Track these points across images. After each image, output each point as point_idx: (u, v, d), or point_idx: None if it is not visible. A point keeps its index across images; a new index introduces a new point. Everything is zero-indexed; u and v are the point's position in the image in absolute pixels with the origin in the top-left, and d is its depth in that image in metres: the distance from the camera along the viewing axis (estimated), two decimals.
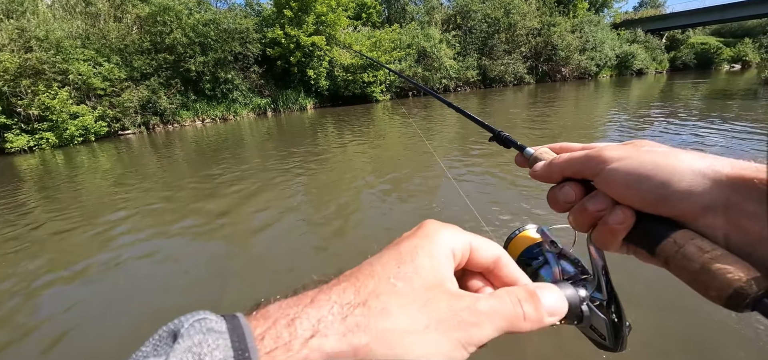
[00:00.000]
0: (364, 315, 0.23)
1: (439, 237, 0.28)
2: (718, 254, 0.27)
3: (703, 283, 0.27)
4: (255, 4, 25.45)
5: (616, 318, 0.37)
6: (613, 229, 0.33)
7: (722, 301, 0.26)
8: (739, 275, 0.26)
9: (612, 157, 0.34)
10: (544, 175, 0.40)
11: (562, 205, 0.38)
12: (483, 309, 0.25)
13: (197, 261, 3.59)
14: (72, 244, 4.24)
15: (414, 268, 0.25)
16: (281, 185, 5.88)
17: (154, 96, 17.65)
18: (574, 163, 0.37)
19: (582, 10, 37.50)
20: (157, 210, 5.22)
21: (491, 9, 30.65)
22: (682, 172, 0.30)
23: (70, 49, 15.49)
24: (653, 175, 0.31)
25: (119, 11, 19.03)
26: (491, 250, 0.30)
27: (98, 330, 2.63)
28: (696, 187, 0.29)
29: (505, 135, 0.52)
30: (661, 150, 0.33)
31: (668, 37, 48.59)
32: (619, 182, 0.33)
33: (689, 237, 0.29)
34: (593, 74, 35.41)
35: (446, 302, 0.25)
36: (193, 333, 0.19)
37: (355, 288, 0.24)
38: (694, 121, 8.69)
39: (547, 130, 9.24)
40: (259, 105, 21.69)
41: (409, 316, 0.23)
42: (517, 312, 0.26)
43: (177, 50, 18.43)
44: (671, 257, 0.30)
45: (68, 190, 6.94)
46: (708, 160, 0.30)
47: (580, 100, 16.50)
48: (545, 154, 0.43)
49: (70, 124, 14.44)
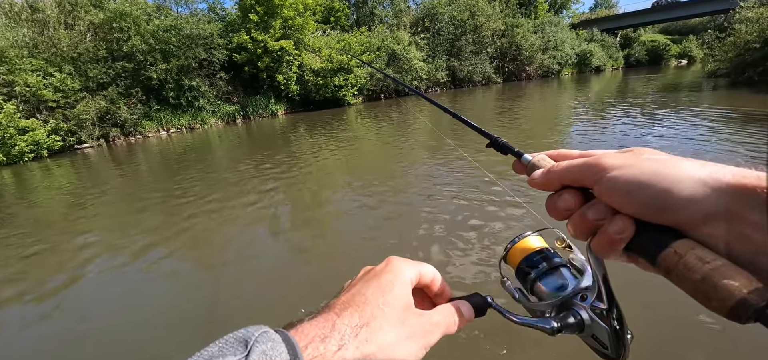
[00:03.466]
0: (368, 332, 0.32)
1: (403, 271, 0.38)
2: (720, 264, 0.27)
3: (705, 294, 0.27)
4: (219, 8, 24.67)
5: (618, 326, 0.37)
6: (613, 238, 0.33)
7: (725, 312, 0.26)
8: (741, 286, 0.25)
9: (611, 165, 0.33)
10: (542, 183, 0.40)
11: (561, 213, 0.38)
12: (436, 320, 0.36)
13: (162, 283, 3.42)
14: (24, 267, 3.93)
15: (393, 297, 0.35)
16: (252, 196, 5.73)
17: (113, 106, 16.66)
18: (573, 171, 0.37)
19: (542, 12, 39.28)
20: (119, 228, 4.93)
21: (457, 11, 31.36)
22: (683, 181, 0.30)
23: (16, 59, 14.38)
24: (654, 183, 0.30)
25: (70, 18, 17.84)
26: (430, 274, 0.41)
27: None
28: (697, 195, 0.29)
29: (502, 141, 0.52)
30: (661, 158, 0.33)
31: (622, 36, 51.63)
32: (619, 191, 0.32)
33: (690, 246, 0.29)
34: (556, 72, 37.01)
35: (415, 319, 0.35)
36: (263, 341, 0.27)
37: (359, 314, 0.33)
38: (650, 111, 9.27)
39: (519, 126, 9.54)
40: (227, 112, 21.02)
41: (396, 331, 0.33)
42: (452, 321, 0.37)
43: (136, 58, 17.51)
44: (672, 267, 0.29)
45: (20, 211, 6.43)
46: (709, 168, 0.30)
47: (546, 96, 17.19)
48: (543, 161, 0.42)
49: (19, 140, 13.37)
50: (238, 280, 3.24)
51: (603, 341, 0.38)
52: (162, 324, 2.69)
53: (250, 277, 3.25)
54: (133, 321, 2.76)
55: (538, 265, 0.44)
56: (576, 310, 0.39)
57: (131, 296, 3.15)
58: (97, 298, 3.17)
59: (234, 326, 0.25)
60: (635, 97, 13.35)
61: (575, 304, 0.39)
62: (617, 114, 9.71)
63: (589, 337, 0.39)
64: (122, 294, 3.20)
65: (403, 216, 4.15)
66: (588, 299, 0.39)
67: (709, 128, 7.00)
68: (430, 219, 3.89)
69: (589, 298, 0.39)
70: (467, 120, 0.60)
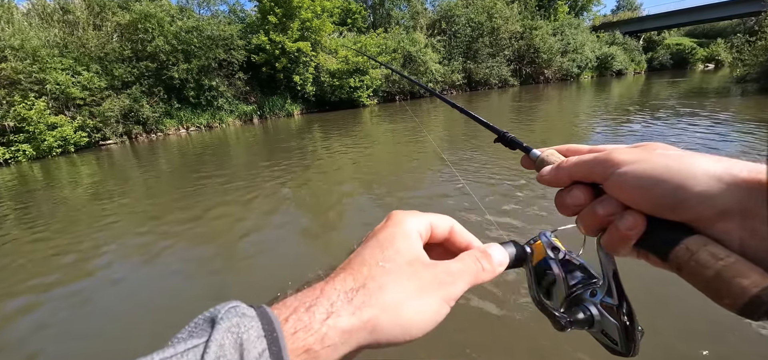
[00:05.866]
0: (365, 294, 0.28)
1: (406, 222, 0.34)
2: (733, 261, 0.26)
3: (717, 291, 0.27)
4: (239, 10, 25.23)
5: (628, 322, 0.36)
6: (624, 234, 0.32)
7: (737, 309, 0.26)
8: (754, 283, 0.25)
9: (622, 160, 0.32)
10: (551, 179, 0.39)
11: (571, 209, 0.37)
12: (454, 269, 0.32)
13: (180, 276, 3.52)
14: (46, 258, 4.11)
15: (395, 251, 0.31)
16: (269, 193, 5.83)
17: (136, 104, 17.25)
18: (583, 167, 0.36)
19: (562, 14, 38.49)
20: (140, 221, 5.10)
21: (474, 13, 31.13)
22: (697, 176, 0.29)
23: (47, 58, 15.06)
24: (666, 179, 0.30)
25: (98, 19, 18.59)
26: (445, 223, 0.37)
27: (69, 347, 2.55)
28: (711, 191, 0.28)
29: (510, 136, 0.51)
30: (674, 153, 0.32)
31: (645, 39, 50.21)
32: (630, 187, 0.32)
33: (702, 243, 0.28)
34: (575, 76, 36.26)
35: (426, 270, 0.31)
36: (230, 316, 0.24)
37: (352, 277, 0.29)
38: (674, 117, 8.98)
39: (534, 130, 9.40)
40: (244, 112, 21.45)
41: (401, 286, 0.29)
42: (478, 267, 0.33)
43: (159, 58, 18.09)
44: (684, 264, 0.29)
45: (47, 203, 6.72)
46: (724, 163, 0.29)
47: (564, 100, 16.87)
48: (552, 156, 0.42)
49: (48, 136, 14.00)
50: (253, 271, 3.30)
51: (613, 337, 0.37)
52: (176, 311, 2.77)
53: (265, 269, 3.31)
54: (150, 308, 2.85)
55: (547, 271, 0.43)
56: (585, 306, 0.38)
57: (148, 286, 3.26)
58: (116, 288, 3.29)
59: None
60: (658, 101, 12.96)
61: (585, 300, 0.39)
62: (637, 119, 9.44)
63: (598, 332, 0.39)
64: (140, 284, 3.31)
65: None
66: (597, 295, 0.38)
67: (735, 134, 6.74)
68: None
69: (599, 294, 0.38)
70: (476, 115, 0.60)
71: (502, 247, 0.37)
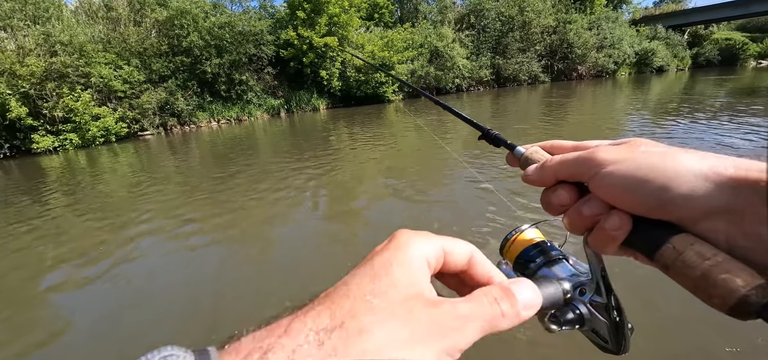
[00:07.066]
0: (341, 338, 0.21)
1: (411, 246, 0.27)
2: (720, 260, 0.26)
3: (705, 291, 0.26)
4: (269, 6, 25.76)
5: (618, 319, 0.36)
6: (610, 235, 0.32)
7: (726, 309, 0.25)
8: (743, 283, 0.25)
9: (606, 160, 0.32)
10: (536, 179, 0.38)
11: (557, 208, 0.36)
12: (463, 313, 0.24)
13: (210, 261, 3.65)
14: (89, 237, 4.37)
15: (389, 282, 0.24)
16: (296, 186, 5.93)
17: (172, 98, 18.06)
18: (567, 166, 0.35)
19: (599, 7, 36.57)
20: (174, 209, 5.33)
21: (505, 7, 30.24)
22: (682, 175, 0.28)
23: (93, 52, 15.99)
24: (651, 179, 0.29)
25: (139, 16, 19.54)
26: (463, 251, 0.30)
27: (102, 326, 2.70)
28: (697, 190, 0.28)
29: (494, 133, 0.51)
30: (658, 150, 0.31)
31: (690, 33, 47.07)
32: (615, 187, 0.31)
33: (689, 242, 0.28)
34: (611, 72, 34.56)
35: (426, 312, 0.24)
36: None
37: (330, 311, 0.23)
38: (719, 120, 8.38)
39: (563, 130, 9.06)
40: (272, 106, 21.94)
41: (389, 331, 0.22)
42: (495, 311, 0.25)
43: (193, 53, 18.82)
44: (671, 263, 0.28)
45: (90, 188, 7.17)
46: (709, 160, 0.28)
47: (598, 98, 16.13)
48: (536, 154, 0.41)
49: (92, 126, 14.90)
50: (276, 260, 3.38)
51: (603, 335, 0.37)
52: (203, 297, 2.88)
53: (287, 259, 3.38)
54: (179, 292, 2.98)
55: (536, 259, 0.42)
56: (575, 305, 0.38)
57: (179, 270, 3.41)
58: (149, 270, 3.46)
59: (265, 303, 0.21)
60: (702, 100, 12.13)
61: (574, 299, 0.39)
62: (679, 119, 8.88)
63: (589, 331, 0.38)
64: (173, 268, 3.47)
65: (443, 204, 4.11)
66: (586, 294, 0.38)
67: None
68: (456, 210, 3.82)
69: (587, 292, 0.38)
70: (460, 113, 0.60)
71: (536, 284, 0.30)
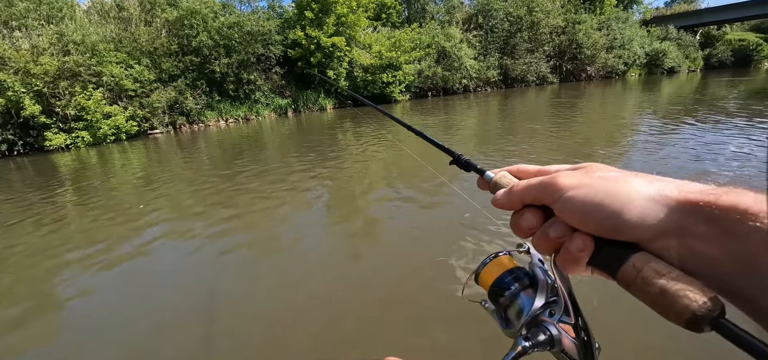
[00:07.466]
0: None
1: None
2: (674, 276, 0.28)
3: (662, 307, 0.28)
4: (277, 6, 25.90)
5: (586, 339, 0.37)
6: (575, 256, 0.34)
7: (683, 323, 0.27)
8: (695, 298, 0.26)
9: (566, 186, 0.34)
10: (504, 203, 0.41)
11: (525, 231, 0.38)
12: None
13: (219, 260, 3.69)
14: (100, 233, 4.45)
15: None
16: (303, 187, 5.97)
17: (181, 97, 18.26)
18: (532, 191, 0.38)
19: (609, 7, 36.11)
20: (182, 208, 5.40)
21: (513, 7, 30.03)
22: (634, 200, 0.31)
23: (104, 52, 16.25)
24: (607, 204, 0.32)
25: (149, 15, 19.79)
26: None
27: (110, 320, 2.75)
28: (648, 213, 0.30)
29: (464, 159, 0.53)
30: (612, 175, 0.34)
31: (702, 34, 46.25)
32: (576, 212, 0.33)
33: (646, 260, 0.30)
34: (621, 73, 34.14)
35: None
36: None
37: None
38: (734, 124, 8.23)
39: (573, 134, 8.98)
40: (280, 105, 22.07)
41: None
42: None
43: (203, 52, 19.01)
44: (631, 281, 0.30)
45: (101, 185, 7.29)
46: (656, 184, 0.31)
47: (607, 99, 15.95)
48: (504, 178, 0.43)
49: (104, 124, 15.14)
50: (282, 259, 3.41)
51: (572, 356, 0.38)
52: (208, 296, 2.92)
53: (291, 258, 3.41)
54: (186, 288, 3.03)
55: (511, 286, 0.43)
56: (545, 326, 0.39)
57: (187, 269, 3.45)
58: (157, 267, 3.51)
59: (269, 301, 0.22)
60: (714, 102, 11.93)
61: (544, 320, 0.39)
62: (690, 122, 8.75)
63: (559, 353, 0.39)
64: (180, 267, 3.51)
65: (446, 206, 4.11)
66: (556, 315, 0.39)
67: None
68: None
69: (556, 313, 0.39)
70: (431, 138, 0.61)
71: None
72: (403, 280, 2.93)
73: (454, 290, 2.68)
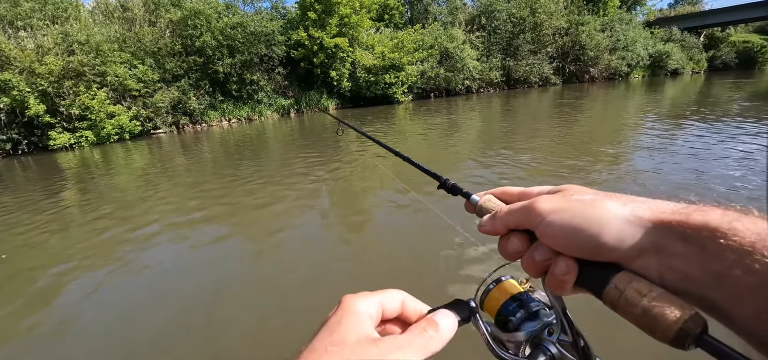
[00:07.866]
0: None
1: (355, 306, 0.33)
2: (656, 295, 0.28)
3: (647, 326, 0.28)
4: (281, 7, 25.97)
5: (585, 354, 0.37)
6: (560, 279, 0.34)
7: (668, 341, 0.27)
8: (678, 315, 0.26)
9: (546, 210, 0.35)
10: (490, 229, 0.41)
11: (512, 255, 0.39)
12: (402, 342, 0.31)
13: (219, 259, 3.70)
14: (102, 232, 4.47)
15: (341, 332, 0.30)
16: (304, 187, 5.98)
17: (184, 97, 18.33)
18: (514, 216, 0.38)
19: (613, 8, 36.02)
20: (184, 207, 5.42)
21: (516, 8, 30.00)
22: (610, 222, 0.32)
23: (108, 52, 16.33)
24: (585, 227, 0.32)
25: (153, 16, 19.88)
26: (395, 299, 0.36)
27: (112, 318, 2.76)
28: (624, 234, 0.31)
29: (451, 183, 0.54)
30: (588, 198, 0.34)
31: (706, 36, 46.08)
32: (557, 236, 0.34)
33: (628, 281, 0.30)
34: (624, 74, 34.05)
35: (374, 346, 0.30)
36: None
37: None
38: (737, 126, 8.19)
39: (574, 136, 8.96)
40: (282, 106, 22.12)
41: None
42: (425, 337, 0.32)
43: (206, 53, 19.08)
44: (616, 301, 0.30)
45: (104, 184, 7.32)
46: (630, 206, 0.32)
47: (610, 102, 15.90)
48: (489, 202, 0.44)
49: (107, 124, 15.22)
50: (283, 260, 3.42)
51: None
52: (209, 295, 2.93)
53: (293, 259, 3.42)
54: (188, 287, 3.04)
55: (516, 314, 0.43)
56: (545, 346, 0.39)
57: (187, 268, 3.47)
58: (160, 266, 3.53)
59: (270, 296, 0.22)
60: (718, 105, 11.87)
61: (544, 340, 0.40)
62: (693, 125, 8.71)
63: None
64: (182, 265, 3.52)
65: None
66: (554, 334, 0.40)
67: None
68: None
69: (555, 332, 0.40)
70: (418, 164, 0.62)
71: (449, 310, 0.35)
72: (403, 279, 2.94)
73: (450, 296, 2.68)
